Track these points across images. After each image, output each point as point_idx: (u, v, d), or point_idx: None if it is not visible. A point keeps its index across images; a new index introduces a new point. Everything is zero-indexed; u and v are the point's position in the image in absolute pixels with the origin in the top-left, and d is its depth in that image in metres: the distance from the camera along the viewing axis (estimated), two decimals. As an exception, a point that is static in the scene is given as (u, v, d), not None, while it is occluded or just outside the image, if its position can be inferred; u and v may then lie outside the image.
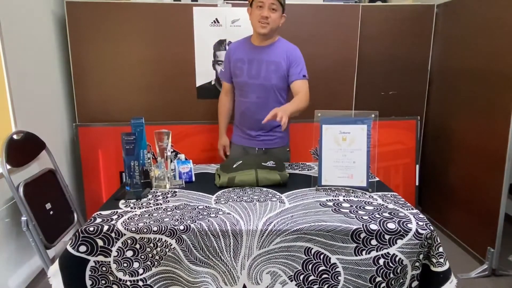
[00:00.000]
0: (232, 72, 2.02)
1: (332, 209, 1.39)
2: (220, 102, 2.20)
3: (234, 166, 1.71)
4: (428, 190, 3.01)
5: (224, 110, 2.19)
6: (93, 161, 2.64)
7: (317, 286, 1.29)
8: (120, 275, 1.28)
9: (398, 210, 1.40)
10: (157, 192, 1.60)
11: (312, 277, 1.29)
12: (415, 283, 1.29)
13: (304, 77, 1.92)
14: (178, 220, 1.31)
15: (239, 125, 2.10)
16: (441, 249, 1.27)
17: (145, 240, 1.27)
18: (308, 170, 1.91)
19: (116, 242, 1.27)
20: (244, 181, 1.65)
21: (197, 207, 1.42)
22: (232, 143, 2.18)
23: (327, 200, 1.49)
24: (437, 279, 1.27)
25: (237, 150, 2.13)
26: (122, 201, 1.50)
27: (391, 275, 1.26)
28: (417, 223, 1.29)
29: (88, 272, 1.28)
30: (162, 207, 1.43)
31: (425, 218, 1.33)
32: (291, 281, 1.29)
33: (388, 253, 1.26)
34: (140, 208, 1.43)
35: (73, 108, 2.67)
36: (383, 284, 1.27)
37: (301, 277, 1.29)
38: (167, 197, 1.53)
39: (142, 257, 1.28)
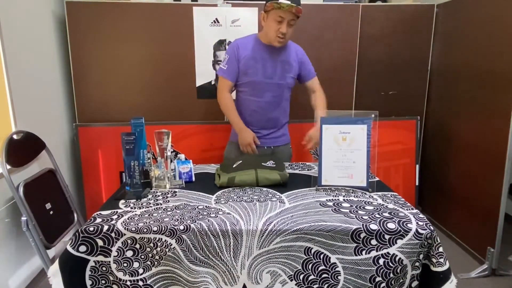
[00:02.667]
0: (242, 71, 1.95)
1: (332, 209, 1.39)
2: (226, 98, 1.99)
3: (234, 166, 1.71)
4: (428, 190, 3.01)
5: (234, 105, 2.01)
6: (93, 161, 2.64)
7: (317, 285, 1.29)
8: (120, 275, 1.28)
9: (398, 210, 1.40)
10: (157, 192, 1.60)
11: (312, 277, 1.29)
12: (415, 283, 1.29)
13: (315, 74, 2.10)
14: (178, 220, 1.31)
15: (246, 125, 2.02)
16: (441, 249, 1.27)
17: (145, 240, 1.27)
18: (308, 170, 1.91)
19: (116, 242, 1.27)
20: (244, 181, 1.65)
21: (197, 207, 1.42)
22: (232, 142, 2.14)
23: (327, 200, 1.49)
24: (437, 279, 1.27)
25: (239, 149, 2.06)
26: (122, 201, 1.50)
27: (391, 275, 1.26)
28: (417, 223, 1.29)
29: (88, 272, 1.28)
30: (162, 207, 1.43)
31: (425, 218, 1.33)
32: (291, 280, 1.29)
33: (388, 253, 1.26)
34: (140, 208, 1.43)
35: (73, 108, 2.67)
36: (383, 284, 1.27)
37: (301, 276, 1.29)
38: (167, 197, 1.53)
39: (142, 257, 1.28)
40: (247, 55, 1.93)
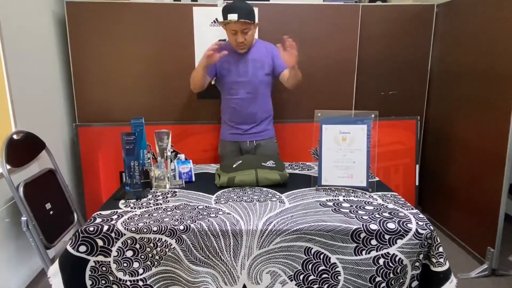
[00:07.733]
0: (219, 73, 2.14)
1: (332, 209, 1.39)
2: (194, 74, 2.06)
3: (234, 166, 1.71)
4: (428, 190, 3.01)
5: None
6: (93, 161, 2.64)
7: (317, 285, 1.29)
8: (120, 275, 1.28)
9: (398, 210, 1.40)
10: (157, 192, 1.60)
11: (312, 277, 1.29)
12: (415, 283, 1.29)
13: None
14: (178, 220, 1.31)
15: (229, 122, 2.21)
16: (441, 249, 1.27)
17: (145, 240, 1.27)
18: (308, 170, 1.91)
19: (116, 242, 1.27)
20: (244, 181, 1.65)
21: (197, 207, 1.42)
22: (222, 140, 2.28)
23: (327, 200, 1.49)
24: (437, 279, 1.27)
25: (228, 146, 2.24)
26: (122, 201, 1.50)
27: (391, 275, 1.26)
28: (417, 223, 1.29)
29: (88, 272, 1.28)
30: (162, 207, 1.43)
31: (425, 218, 1.33)
32: (291, 280, 1.29)
33: (388, 253, 1.26)
34: (140, 208, 1.43)
35: (73, 108, 2.67)
36: (383, 284, 1.27)
37: (301, 276, 1.29)
38: (167, 197, 1.53)
39: (142, 257, 1.28)
40: (222, 59, 2.06)
